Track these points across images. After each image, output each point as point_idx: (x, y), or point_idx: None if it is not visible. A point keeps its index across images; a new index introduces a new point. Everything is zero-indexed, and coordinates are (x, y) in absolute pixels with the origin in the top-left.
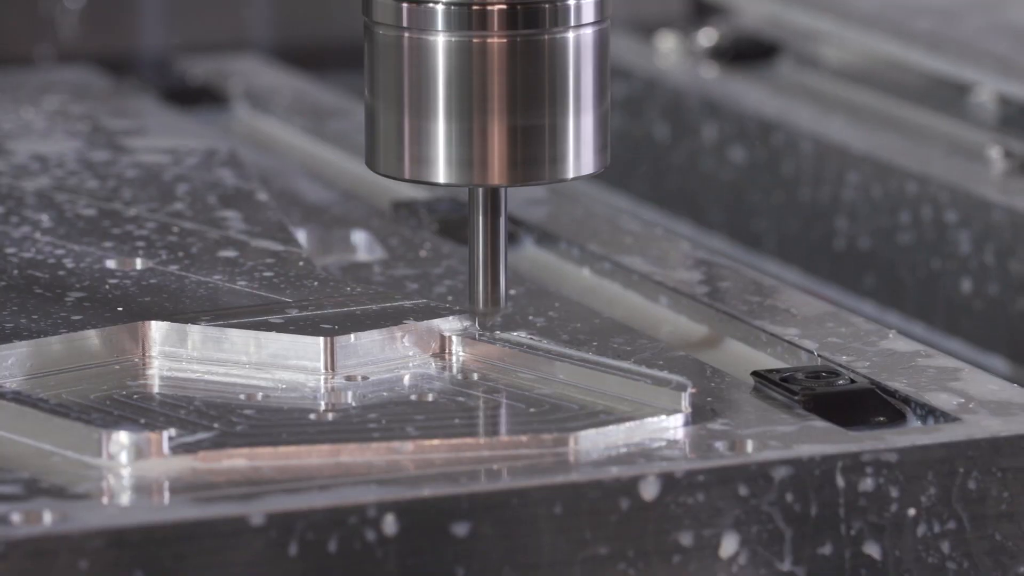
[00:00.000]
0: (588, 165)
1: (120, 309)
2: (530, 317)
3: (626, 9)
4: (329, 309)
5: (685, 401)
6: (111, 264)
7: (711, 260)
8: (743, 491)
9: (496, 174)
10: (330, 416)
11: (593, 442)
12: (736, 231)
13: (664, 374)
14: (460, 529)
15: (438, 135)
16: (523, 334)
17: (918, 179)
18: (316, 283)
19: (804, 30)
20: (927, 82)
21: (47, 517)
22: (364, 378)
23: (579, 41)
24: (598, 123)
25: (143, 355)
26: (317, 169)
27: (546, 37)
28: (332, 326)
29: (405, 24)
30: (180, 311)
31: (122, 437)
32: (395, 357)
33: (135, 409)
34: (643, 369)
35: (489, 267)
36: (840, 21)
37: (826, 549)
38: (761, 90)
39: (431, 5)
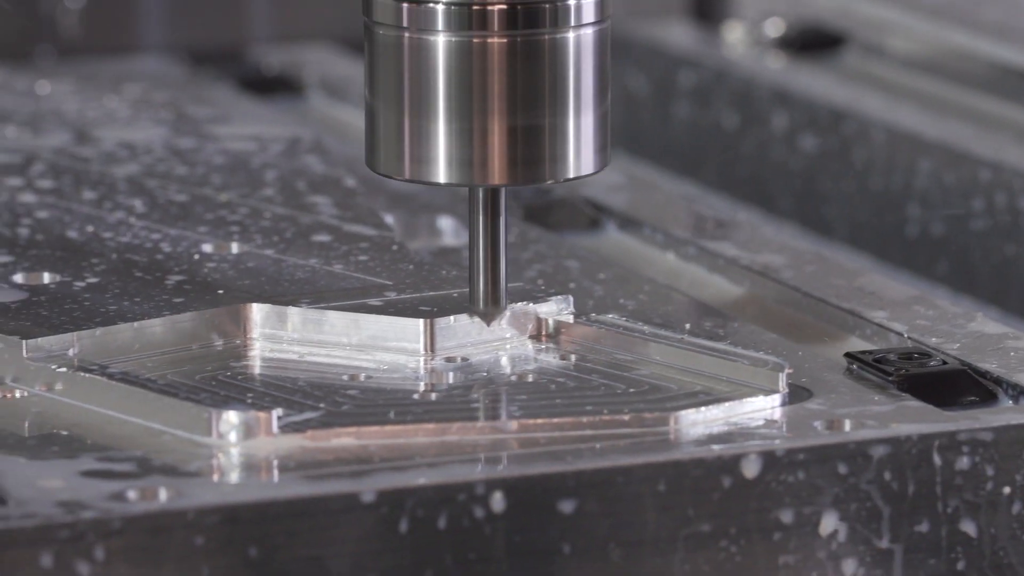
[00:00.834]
0: (588, 165)
1: (220, 292)
2: (620, 300)
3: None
4: (427, 292)
5: (782, 381)
6: (207, 248)
7: (794, 245)
8: (842, 469)
9: (496, 174)
10: (433, 396)
11: (693, 421)
12: (806, 218)
13: (761, 354)
14: (566, 506)
15: (438, 135)
16: (615, 317)
17: (991, 166)
18: (411, 266)
19: (871, 20)
20: (995, 71)
21: (163, 494)
22: (463, 359)
23: (579, 41)
24: (598, 123)
25: (244, 337)
26: None
27: (546, 37)
28: (431, 308)
29: (405, 24)
30: (280, 294)
31: (232, 416)
32: (492, 339)
33: (240, 389)
34: (739, 350)
35: (489, 267)
36: (908, 11)
37: (923, 527)
38: (829, 79)
39: (431, 5)
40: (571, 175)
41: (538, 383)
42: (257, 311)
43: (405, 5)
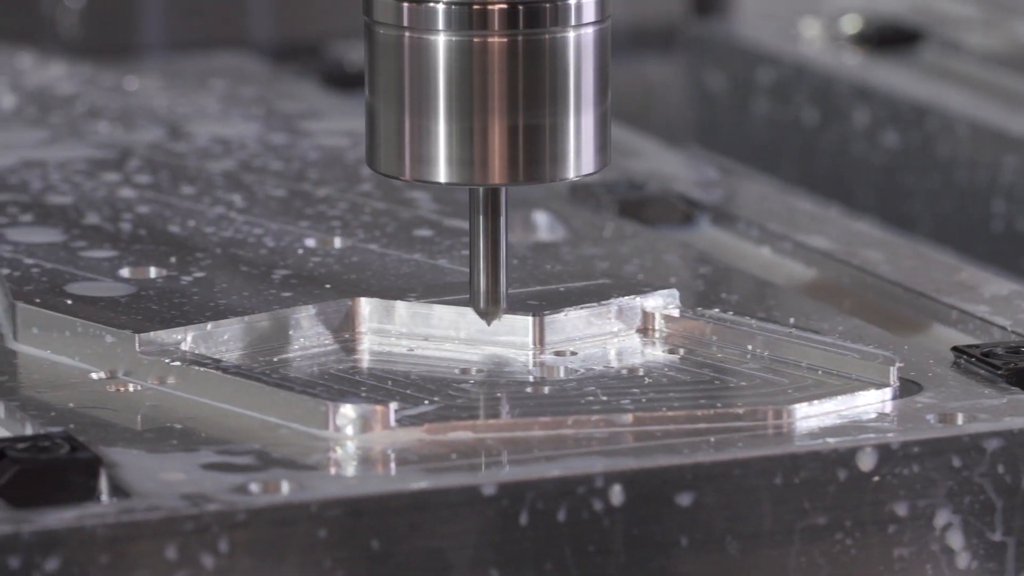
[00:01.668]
0: (589, 164)
1: (328, 286)
2: (723, 295)
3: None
4: (533, 286)
5: (893, 374)
6: (310, 243)
7: (891, 240)
8: (956, 462)
9: (497, 173)
10: (546, 389)
11: (807, 415)
12: (887, 214)
13: (871, 348)
14: (684, 499)
15: (439, 134)
16: (721, 311)
17: None
18: (515, 261)
19: (947, 15)
20: None
21: (285, 487)
22: (573, 353)
23: (580, 40)
24: (599, 122)
25: (353, 331)
26: None
27: (547, 36)
28: (539, 303)
29: (406, 23)
30: (386, 288)
31: (349, 410)
32: (600, 333)
33: (353, 383)
34: (849, 343)
35: (490, 266)
36: (986, 7)
37: None
38: (909, 75)
39: (432, 4)
40: (571, 175)
41: (649, 377)
42: (366, 305)
43: (405, 5)
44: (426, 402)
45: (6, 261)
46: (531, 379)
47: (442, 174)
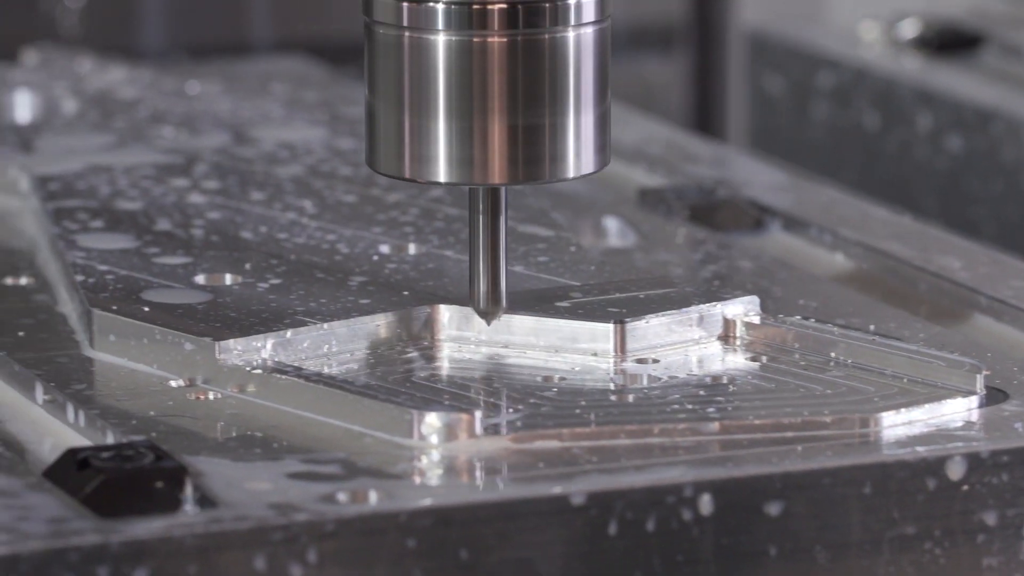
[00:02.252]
0: (588, 164)
1: (405, 293)
2: (800, 301)
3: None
4: (613, 294)
5: (980, 382)
6: (384, 249)
7: (967, 246)
8: None
9: (496, 173)
10: (630, 398)
11: (894, 423)
12: (951, 219)
13: (956, 355)
14: (773, 508)
15: (438, 134)
16: (802, 317)
17: None
18: (592, 267)
19: (1007, 19)
20: None
21: (373, 496)
22: (655, 361)
23: (579, 40)
24: (598, 122)
25: (432, 338)
26: None
27: (546, 36)
28: (620, 310)
29: (405, 23)
30: (465, 295)
31: (434, 418)
32: (681, 341)
33: (435, 391)
34: (934, 351)
35: (489, 267)
36: None
37: None
38: (972, 79)
39: (431, 4)
40: (571, 175)
41: (733, 384)
42: (445, 312)
43: (405, 4)
44: (510, 410)
45: (79, 268)
46: (614, 387)
47: (442, 174)
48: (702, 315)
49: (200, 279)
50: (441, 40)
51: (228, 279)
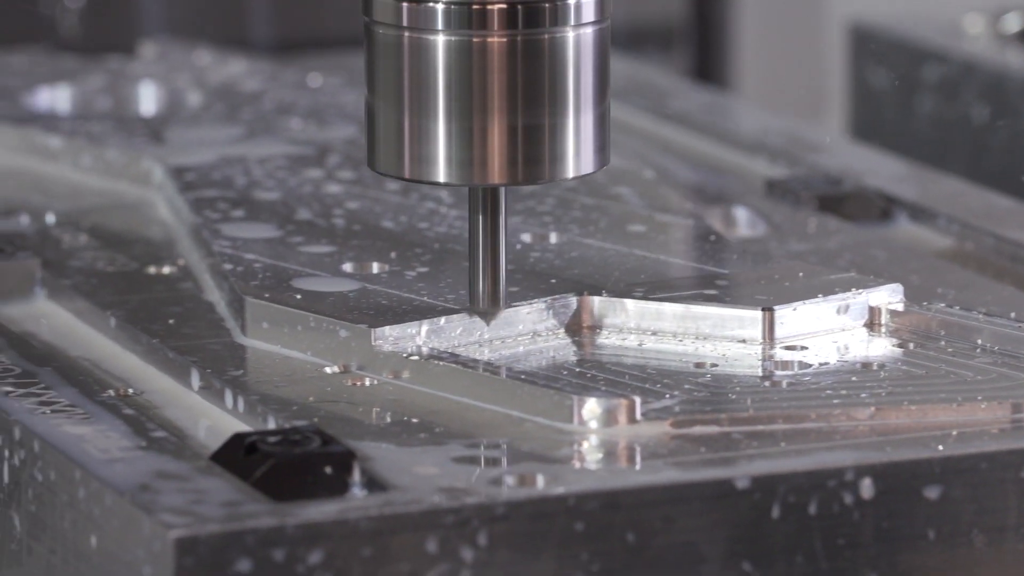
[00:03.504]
0: (588, 164)
1: (552, 281)
2: (939, 290)
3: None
4: (759, 281)
5: None
6: (526, 238)
7: None
8: None
9: (496, 173)
10: (784, 384)
11: None
12: None
13: None
14: (932, 492)
15: (438, 134)
16: (944, 305)
17: None
18: (735, 256)
19: None
20: None
21: (540, 480)
22: (803, 348)
23: (579, 40)
24: (598, 122)
25: (581, 326)
26: (667, 148)
27: (546, 36)
28: (767, 297)
29: (405, 23)
30: (611, 283)
31: (595, 404)
32: (828, 328)
33: (591, 378)
34: None
35: (489, 266)
36: None
37: None
38: None
39: (431, 4)
40: (571, 174)
41: (885, 370)
42: (594, 301)
43: (405, 4)
44: (667, 396)
45: (226, 256)
46: (767, 373)
47: (441, 174)
48: (848, 303)
49: (347, 267)
50: (441, 40)
51: (375, 267)
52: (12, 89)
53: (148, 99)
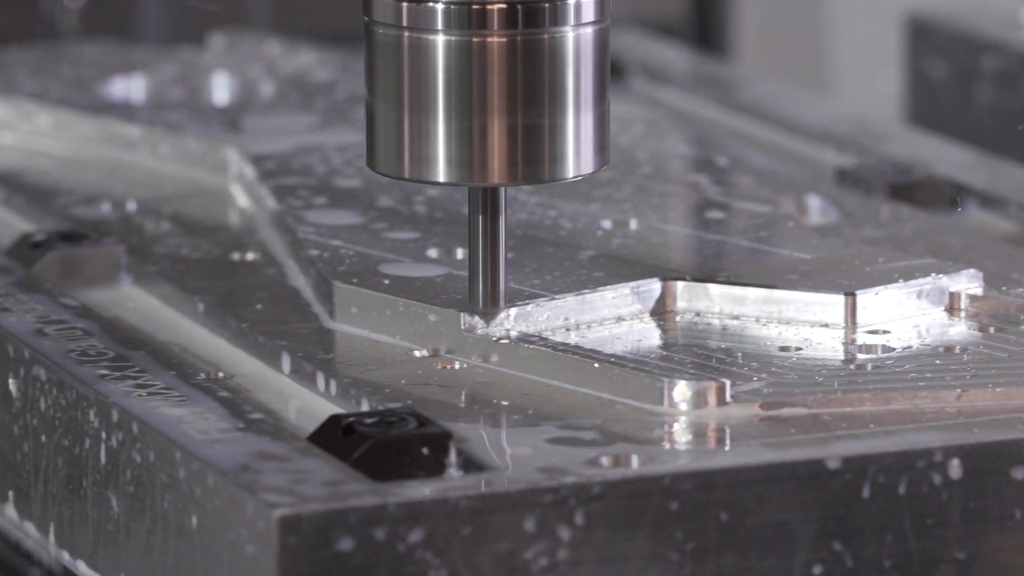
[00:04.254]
0: (588, 164)
1: (636, 266)
2: (1014, 275)
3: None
4: (840, 266)
5: None
6: (606, 224)
7: None
8: None
9: (496, 173)
10: (869, 367)
11: None
12: None
13: None
14: (1019, 473)
15: (438, 134)
16: (1021, 290)
17: None
18: (814, 241)
19: None
20: None
21: (635, 460)
22: (885, 331)
23: (579, 40)
24: (598, 122)
25: (665, 310)
26: (738, 136)
27: (546, 36)
28: (849, 282)
29: (405, 23)
30: (693, 268)
31: (685, 386)
32: (909, 312)
33: (678, 361)
34: None
35: (489, 266)
36: None
37: None
38: None
39: (431, 4)
40: (571, 175)
41: (967, 354)
42: (678, 286)
43: (404, 4)
44: (755, 379)
45: (312, 242)
46: (850, 357)
47: (441, 174)
48: (928, 287)
49: (432, 253)
50: (441, 40)
51: (459, 253)
52: (86, 79)
53: (221, 89)
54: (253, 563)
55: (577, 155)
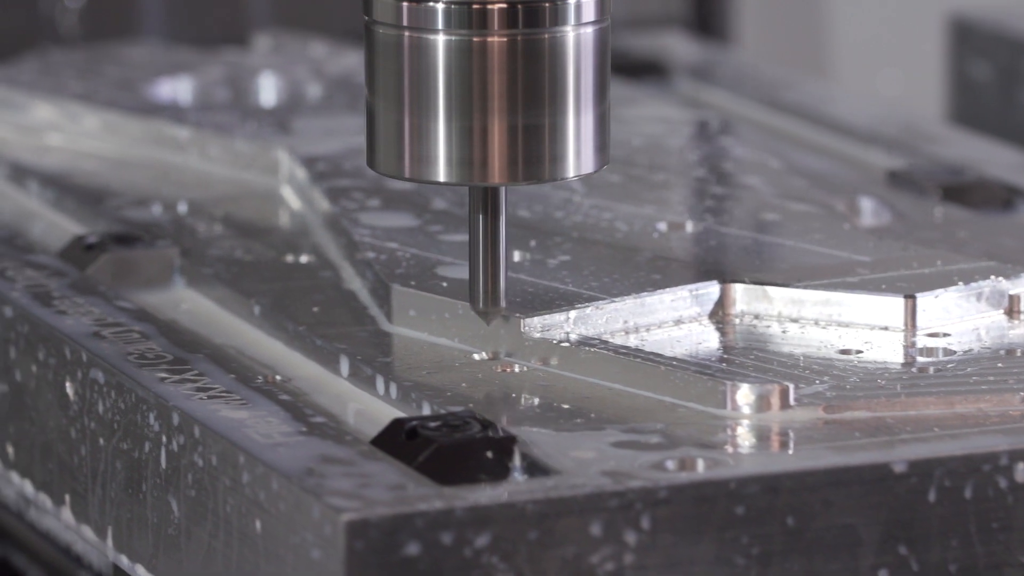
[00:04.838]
0: (588, 164)
1: (696, 269)
2: None
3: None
4: (898, 268)
5: None
6: (662, 227)
7: None
8: None
9: (496, 173)
10: (931, 370)
11: None
12: None
13: None
14: None
15: (438, 134)
16: None
17: None
18: (871, 244)
19: None
20: None
21: (701, 464)
22: (945, 334)
23: (579, 40)
24: (598, 122)
25: (725, 313)
26: (785, 138)
27: (546, 36)
28: (908, 285)
29: (405, 23)
30: (752, 270)
31: (749, 390)
32: (967, 315)
33: (740, 364)
34: None
35: (489, 266)
36: None
37: None
38: None
39: (431, 4)
40: (571, 174)
41: None
42: (737, 288)
43: (405, 4)
44: (817, 382)
45: (368, 245)
46: (913, 360)
47: (442, 174)
48: (988, 290)
49: None
50: (441, 40)
51: (516, 256)
52: (132, 81)
53: (268, 90)
54: (319, 568)
55: (577, 155)
